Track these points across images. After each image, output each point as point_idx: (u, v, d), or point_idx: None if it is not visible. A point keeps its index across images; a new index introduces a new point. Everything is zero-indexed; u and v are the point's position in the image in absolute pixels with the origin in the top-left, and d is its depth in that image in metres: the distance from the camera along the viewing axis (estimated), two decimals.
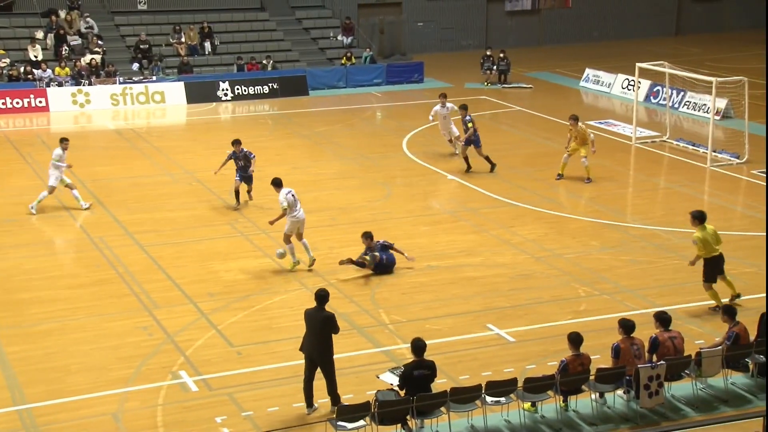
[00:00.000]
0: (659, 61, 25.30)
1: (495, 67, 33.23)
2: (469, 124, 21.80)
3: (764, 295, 13.26)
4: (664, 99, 27.06)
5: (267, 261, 16.97)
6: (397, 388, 11.32)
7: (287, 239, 16.35)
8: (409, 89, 32.98)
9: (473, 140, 21.90)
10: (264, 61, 33.24)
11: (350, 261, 16.17)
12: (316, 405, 11.63)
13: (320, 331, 11.53)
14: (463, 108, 22.14)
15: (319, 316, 11.58)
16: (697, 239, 14.32)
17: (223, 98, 31.38)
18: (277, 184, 16.53)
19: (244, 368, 12.98)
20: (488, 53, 33.57)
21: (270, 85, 31.96)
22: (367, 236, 16.30)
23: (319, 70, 33.63)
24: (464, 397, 11.13)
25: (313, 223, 18.87)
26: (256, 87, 31.83)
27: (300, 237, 16.40)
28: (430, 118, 23.42)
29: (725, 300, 14.26)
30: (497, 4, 41.28)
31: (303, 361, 11.69)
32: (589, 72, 32.87)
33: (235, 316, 14.72)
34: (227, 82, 31.60)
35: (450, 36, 40.76)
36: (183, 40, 33.94)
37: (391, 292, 15.46)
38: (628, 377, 11.52)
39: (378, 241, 16.37)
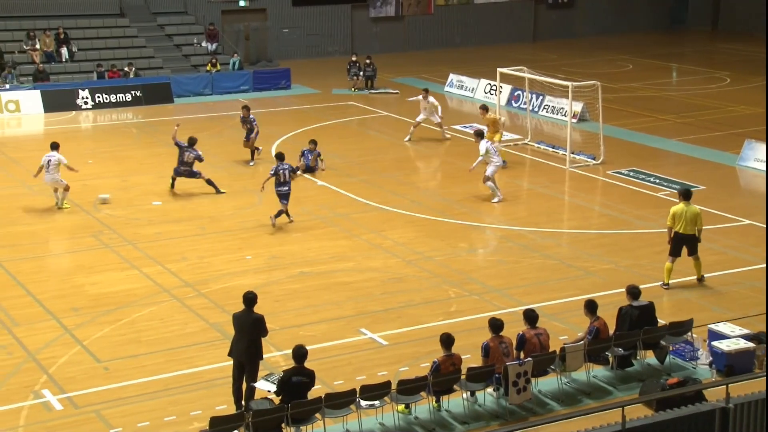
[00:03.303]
0: (519, 66, 26.07)
1: (361, 73, 33.35)
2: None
3: (621, 290, 13.84)
4: (525, 103, 27.93)
5: (134, 273, 16.51)
6: (272, 396, 11.23)
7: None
8: (276, 96, 32.79)
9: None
10: (126, 69, 32.32)
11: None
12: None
13: (249, 334, 11.61)
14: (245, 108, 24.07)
15: (249, 318, 11.70)
16: (671, 211, 15.56)
17: (83, 107, 30.32)
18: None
19: (111, 384, 12.58)
20: (354, 59, 33.73)
21: (133, 92, 31.11)
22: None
23: (183, 77, 32.96)
24: (339, 402, 11.14)
25: (181, 233, 18.53)
26: (117, 95, 30.91)
27: None
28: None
29: (692, 277, 15.71)
30: (362, 10, 41.60)
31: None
32: (453, 77, 33.51)
33: (101, 330, 14.24)
34: (87, 90, 30.54)
35: (316, 42, 40.78)
36: (38, 46, 32.60)
37: (263, 299, 15.18)
38: (497, 375, 11.80)
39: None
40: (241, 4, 38.89)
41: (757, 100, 30.33)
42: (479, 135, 20.99)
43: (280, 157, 19.18)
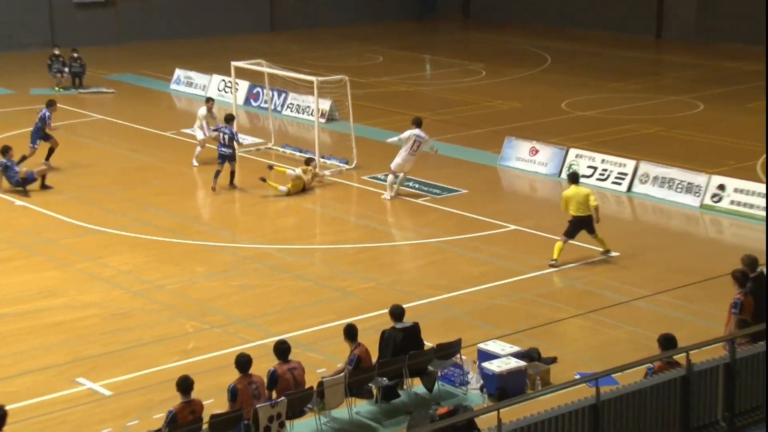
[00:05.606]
0: (256, 60, 26.16)
1: (67, 70, 32.34)
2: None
3: (384, 311, 14.14)
4: (265, 101, 28.04)
5: None
6: None
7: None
8: None
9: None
10: None
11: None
12: None
13: None
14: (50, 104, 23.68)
15: None
16: (563, 196, 17.59)
17: None
18: None
19: None
20: (57, 53, 32.55)
21: None
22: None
23: None
24: None
25: None
26: None
27: None
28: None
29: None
30: None
31: None
32: (179, 73, 33.11)
33: None
34: None
35: (7, 32, 38.81)
36: None
37: None
38: (246, 421, 11.66)
39: None
40: None
41: (513, 94, 32.41)
42: (417, 124, 21.83)
43: (227, 119, 21.99)
